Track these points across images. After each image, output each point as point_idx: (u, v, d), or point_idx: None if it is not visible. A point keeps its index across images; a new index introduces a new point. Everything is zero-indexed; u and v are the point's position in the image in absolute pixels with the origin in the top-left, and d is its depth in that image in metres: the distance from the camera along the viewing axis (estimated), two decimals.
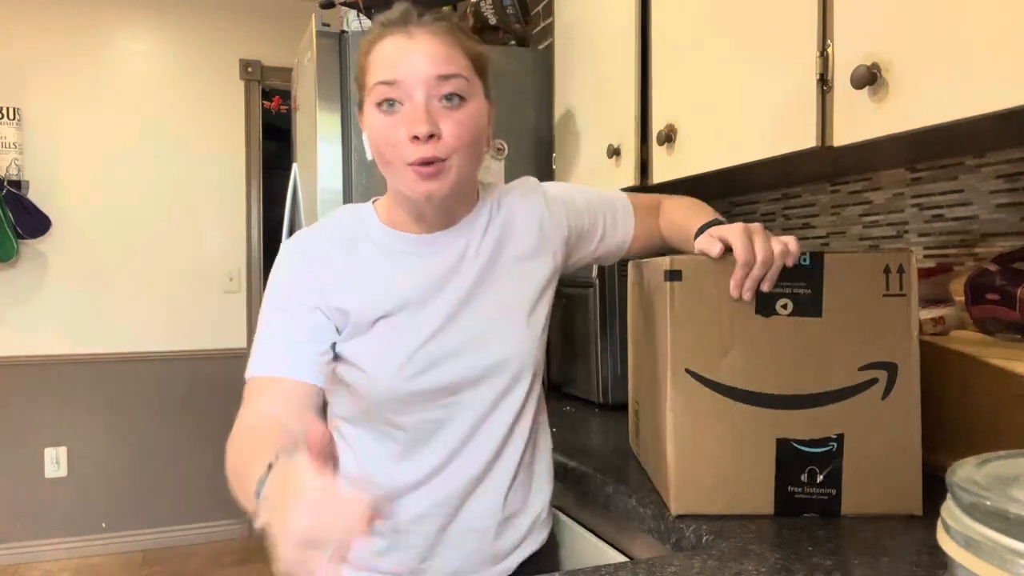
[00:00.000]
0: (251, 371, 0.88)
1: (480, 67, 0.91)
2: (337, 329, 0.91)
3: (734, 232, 0.89)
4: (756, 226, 0.90)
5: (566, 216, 1.04)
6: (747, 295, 0.89)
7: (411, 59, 0.84)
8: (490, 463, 0.96)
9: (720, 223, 0.96)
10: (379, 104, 0.86)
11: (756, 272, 0.87)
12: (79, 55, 3.35)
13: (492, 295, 0.95)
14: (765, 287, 0.89)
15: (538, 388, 1.01)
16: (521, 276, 0.98)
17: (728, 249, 0.89)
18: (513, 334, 0.95)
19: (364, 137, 0.92)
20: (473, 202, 0.98)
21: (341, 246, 0.93)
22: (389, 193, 0.95)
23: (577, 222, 1.05)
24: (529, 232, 1.00)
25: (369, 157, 0.91)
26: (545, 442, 1.05)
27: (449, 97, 0.85)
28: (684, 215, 1.07)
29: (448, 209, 0.93)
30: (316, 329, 0.89)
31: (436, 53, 0.85)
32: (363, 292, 0.91)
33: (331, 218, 0.98)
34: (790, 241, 0.88)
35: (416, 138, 0.83)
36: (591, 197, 1.09)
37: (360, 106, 0.92)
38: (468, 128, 0.86)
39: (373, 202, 0.99)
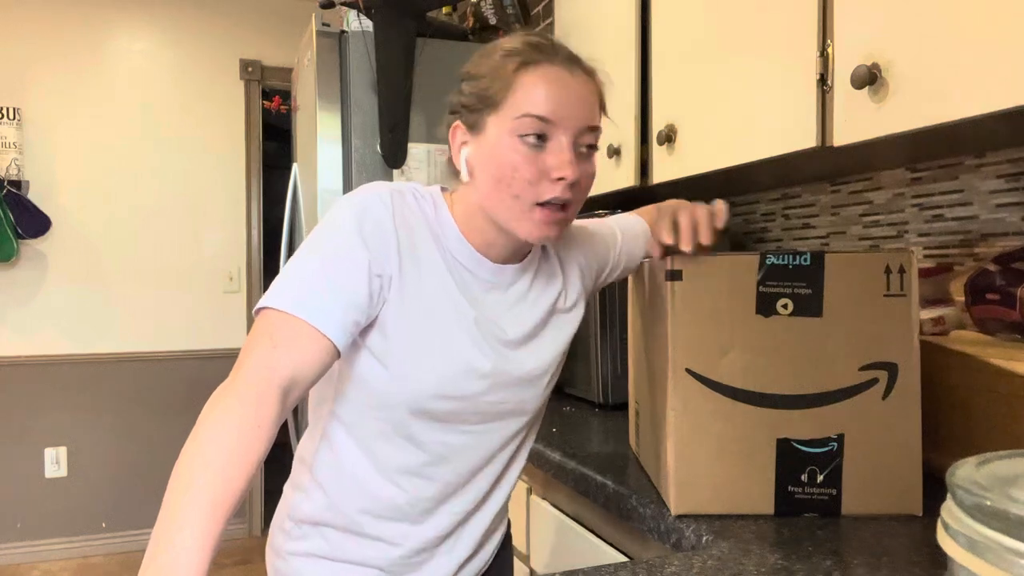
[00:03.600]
0: (278, 302, 0.76)
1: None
2: (370, 316, 0.83)
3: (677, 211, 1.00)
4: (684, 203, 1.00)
5: (597, 263, 1.04)
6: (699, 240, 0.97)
7: (571, 101, 0.81)
8: (487, 494, 0.96)
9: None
10: (525, 135, 0.80)
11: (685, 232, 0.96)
12: (79, 55, 3.35)
13: (541, 343, 0.94)
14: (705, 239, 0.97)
15: (541, 418, 1.02)
16: (564, 326, 0.97)
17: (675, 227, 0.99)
18: (548, 379, 0.95)
19: (462, 153, 0.85)
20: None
21: (413, 238, 0.85)
22: (471, 210, 0.86)
23: (606, 265, 1.06)
24: (574, 284, 0.99)
25: (464, 177, 0.85)
26: (526, 459, 1.05)
27: (589, 147, 0.83)
28: None
29: (519, 246, 0.90)
30: (361, 300, 0.79)
31: (590, 102, 0.83)
32: (422, 298, 0.84)
33: (413, 195, 0.87)
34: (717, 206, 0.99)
35: (561, 179, 0.80)
36: (616, 236, 1.07)
37: (473, 118, 0.84)
38: (591, 179, 0.85)
39: (442, 191, 0.91)
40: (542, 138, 0.80)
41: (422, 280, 0.84)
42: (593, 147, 0.84)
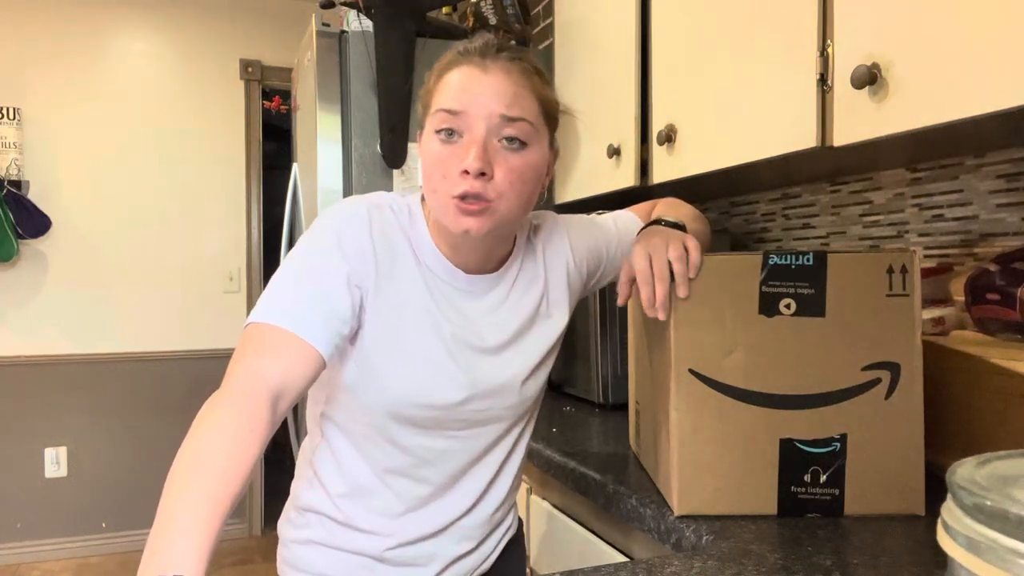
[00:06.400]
0: (263, 316, 0.78)
1: (549, 115, 0.87)
2: (353, 326, 0.84)
3: (637, 254, 0.93)
4: (656, 244, 0.92)
5: (589, 259, 1.03)
6: (660, 314, 0.90)
7: (480, 93, 0.81)
8: (484, 491, 0.96)
9: (664, 224, 0.98)
10: (438, 131, 0.82)
11: (659, 289, 0.89)
12: (79, 55, 3.35)
13: (522, 349, 0.94)
14: (681, 293, 0.91)
15: (535, 416, 1.02)
16: (547, 330, 0.97)
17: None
18: (531, 384, 0.95)
19: (419, 162, 0.87)
20: (511, 246, 0.94)
21: (390, 253, 0.87)
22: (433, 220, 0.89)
23: (600, 262, 1.05)
24: (559, 286, 0.98)
25: (419, 181, 0.88)
26: (525, 456, 1.05)
27: (510, 139, 0.82)
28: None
29: (487, 250, 0.89)
30: (343, 310, 0.81)
31: (506, 92, 0.81)
32: (400, 310, 0.86)
33: (390, 208, 0.89)
34: (691, 249, 0.91)
35: (466, 172, 0.79)
36: (610, 236, 1.06)
37: (421, 128, 0.88)
38: (522, 175, 0.83)
39: (422, 200, 0.92)
40: (453, 132, 0.82)
41: (399, 293, 0.86)
42: (517, 140, 0.82)
